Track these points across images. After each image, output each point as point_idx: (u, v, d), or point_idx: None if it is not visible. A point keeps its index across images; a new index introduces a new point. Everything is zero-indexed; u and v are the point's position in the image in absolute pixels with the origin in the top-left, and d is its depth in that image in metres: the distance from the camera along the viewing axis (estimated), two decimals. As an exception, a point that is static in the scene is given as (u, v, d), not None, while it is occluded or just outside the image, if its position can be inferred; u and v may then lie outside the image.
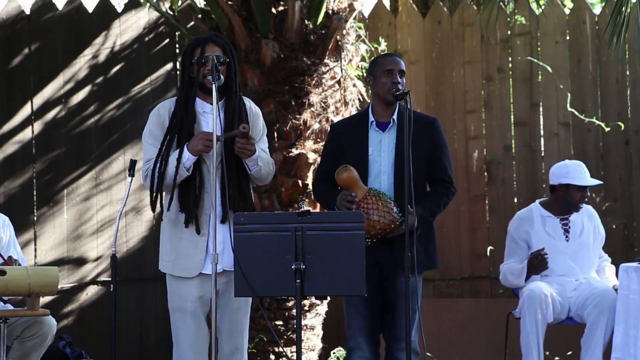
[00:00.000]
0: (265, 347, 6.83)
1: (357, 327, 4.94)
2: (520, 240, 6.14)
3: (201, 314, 4.67)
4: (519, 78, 7.75)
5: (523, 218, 6.19)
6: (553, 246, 6.06)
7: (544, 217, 6.15)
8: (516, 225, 6.18)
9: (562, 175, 6.09)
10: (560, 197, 6.11)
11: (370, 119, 5.01)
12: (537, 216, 6.16)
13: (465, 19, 7.78)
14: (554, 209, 6.15)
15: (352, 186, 4.83)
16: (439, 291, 7.60)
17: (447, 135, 7.72)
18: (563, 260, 6.10)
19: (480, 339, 7.36)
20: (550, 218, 6.15)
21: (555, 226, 6.13)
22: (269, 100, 6.78)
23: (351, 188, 4.83)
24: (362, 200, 4.80)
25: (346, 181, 4.83)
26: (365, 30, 7.61)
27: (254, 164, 4.68)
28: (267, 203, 6.79)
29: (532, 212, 6.19)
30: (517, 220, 6.21)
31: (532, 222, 6.14)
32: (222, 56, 4.62)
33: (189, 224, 4.64)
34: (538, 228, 6.13)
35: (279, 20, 6.86)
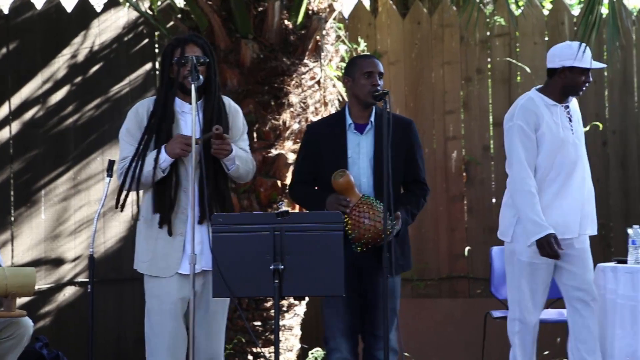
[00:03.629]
0: (243, 348, 6.83)
1: (337, 328, 4.94)
2: (531, 131, 5.38)
3: (180, 315, 4.66)
4: (498, 79, 7.77)
5: (530, 107, 5.41)
6: (562, 137, 5.41)
7: (549, 106, 5.44)
8: (525, 116, 5.38)
9: (566, 57, 5.42)
10: (562, 81, 5.43)
11: (348, 121, 5.01)
12: (541, 105, 5.43)
13: (445, 19, 7.80)
14: (555, 96, 5.46)
15: (347, 191, 4.82)
16: (417, 291, 7.62)
17: (426, 136, 7.78)
18: (571, 152, 5.43)
19: (458, 339, 7.38)
20: (555, 107, 5.45)
21: (562, 115, 5.46)
22: (249, 100, 6.77)
23: (346, 193, 4.83)
24: (355, 207, 4.80)
25: (343, 186, 4.82)
26: (345, 31, 7.62)
27: (232, 163, 4.68)
28: (246, 203, 6.79)
29: (534, 101, 5.44)
30: (524, 111, 5.40)
31: (539, 111, 5.41)
32: (201, 56, 4.62)
33: (163, 224, 4.63)
34: (547, 118, 5.41)
35: (259, 20, 6.86)
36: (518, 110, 5.42)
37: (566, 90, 5.45)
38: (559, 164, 5.40)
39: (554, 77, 5.45)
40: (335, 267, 4.30)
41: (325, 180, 4.92)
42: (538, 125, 5.38)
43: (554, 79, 5.45)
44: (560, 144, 5.39)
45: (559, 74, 5.43)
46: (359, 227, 4.77)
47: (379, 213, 4.76)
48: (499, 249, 6.74)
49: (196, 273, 4.55)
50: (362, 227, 4.77)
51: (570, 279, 5.46)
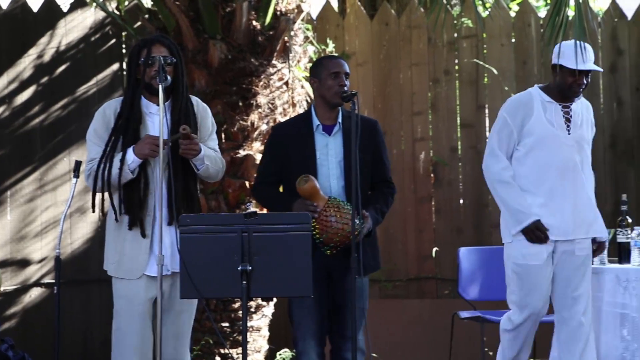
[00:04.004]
0: (211, 349, 6.81)
1: (307, 329, 4.94)
2: (514, 127, 5.31)
3: (148, 317, 4.64)
4: (465, 80, 7.81)
5: (521, 102, 5.36)
6: (554, 136, 5.31)
7: (544, 103, 5.35)
8: (512, 110, 5.35)
9: (562, 55, 5.29)
10: (556, 79, 5.35)
11: (315, 123, 5.01)
12: (537, 101, 5.35)
13: (413, 21, 7.82)
14: (553, 94, 5.36)
15: (313, 196, 4.82)
16: (385, 292, 7.63)
17: (394, 137, 7.80)
18: (565, 152, 5.33)
19: (426, 340, 7.41)
20: (551, 104, 5.35)
21: (557, 113, 5.35)
22: (217, 101, 6.76)
23: (312, 198, 4.82)
24: (323, 210, 4.79)
25: (309, 192, 4.81)
26: (313, 32, 7.63)
27: (201, 163, 4.68)
28: (214, 204, 6.77)
29: (531, 96, 5.37)
30: (514, 105, 5.38)
31: (532, 107, 5.34)
32: (169, 57, 4.61)
33: (133, 226, 4.61)
34: (538, 114, 5.32)
35: (227, 21, 6.84)
36: (509, 102, 5.41)
37: (559, 90, 5.34)
38: (550, 162, 5.28)
39: (553, 74, 5.37)
40: (304, 268, 4.30)
41: (292, 182, 4.92)
42: (526, 120, 5.30)
43: (554, 77, 5.37)
44: (550, 142, 5.28)
45: (556, 72, 5.33)
46: (327, 230, 4.77)
47: (346, 214, 4.76)
48: (467, 249, 6.77)
49: (165, 275, 4.54)
50: (330, 230, 4.77)
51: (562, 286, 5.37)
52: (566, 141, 5.31)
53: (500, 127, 5.34)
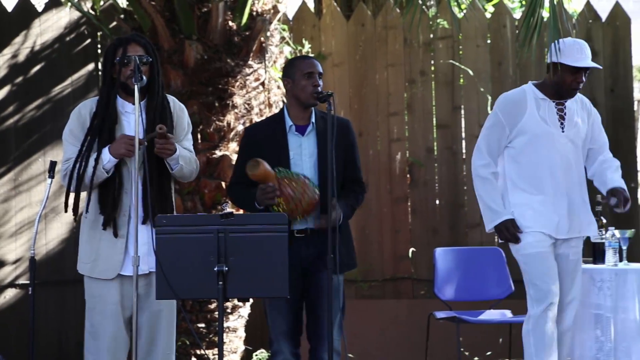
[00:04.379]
0: (187, 350, 6.79)
1: (281, 330, 4.94)
2: (507, 123, 5.27)
3: (121, 317, 4.63)
4: (441, 81, 7.83)
5: (515, 100, 5.31)
6: (547, 133, 5.26)
7: (537, 100, 5.30)
8: (505, 107, 5.31)
9: (562, 53, 5.26)
10: (553, 78, 5.29)
11: (288, 123, 5.00)
12: (530, 98, 5.30)
13: (389, 22, 7.83)
14: (547, 91, 5.32)
15: (267, 177, 4.81)
16: (361, 293, 7.64)
17: (370, 138, 7.81)
18: (559, 150, 5.28)
19: (402, 340, 7.42)
20: (545, 101, 5.30)
21: (551, 111, 5.30)
22: (193, 101, 6.74)
23: (267, 179, 4.81)
24: (279, 187, 4.78)
25: (262, 174, 4.79)
26: (290, 32, 7.62)
27: (176, 163, 4.67)
28: (190, 205, 6.76)
29: (524, 93, 5.32)
30: (507, 102, 5.33)
31: (525, 105, 5.29)
32: (144, 56, 4.60)
33: (107, 226, 4.60)
34: (531, 112, 5.27)
35: (203, 21, 6.83)
36: (503, 98, 5.36)
37: (556, 88, 5.28)
38: (544, 160, 5.23)
39: (548, 72, 5.31)
40: (280, 269, 4.30)
41: (266, 182, 4.92)
42: (520, 118, 5.25)
43: (548, 74, 5.32)
44: (543, 139, 5.22)
45: (554, 70, 5.26)
46: (290, 200, 4.76)
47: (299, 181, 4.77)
48: (443, 250, 6.79)
49: (140, 275, 4.52)
50: (293, 199, 4.76)
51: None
52: (560, 139, 5.26)
53: (492, 124, 5.32)
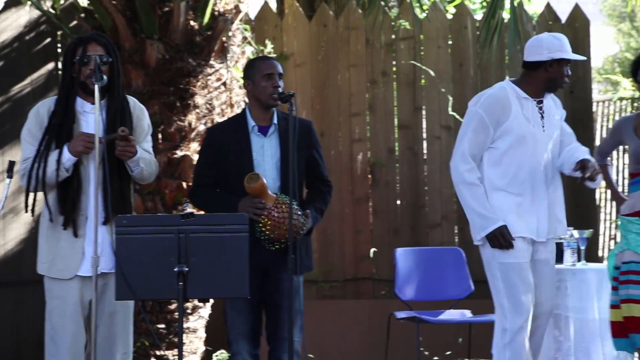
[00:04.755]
0: (146, 351, 6.77)
1: (240, 330, 4.93)
2: (491, 124, 5.03)
3: (80, 317, 4.61)
4: (403, 82, 7.86)
5: (498, 98, 5.06)
6: (532, 133, 5.07)
7: (520, 99, 5.08)
8: (490, 106, 5.05)
9: (555, 48, 5.04)
10: (548, 74, 5.06)
11: (250, 124, 5.00)
12: (512, 96, 5.07)
13: (351, 22, 7.85)
14: (533, 90, 5.11)
15: (262, 194, 4.81)
16: (322, 293, 7.65)
17: (332, 138, 7.82)
18: (540, 149, 5.10)
19: (363, 340, 7.44)
20: (528, 100, 5.09)
21: (533, 110, 5.10)
22: (154, 101, 6.72)
23: (261, 196, 4.81)
24: (274, 207, 4.79)
25: (259, 190, 4.80)
26: (252, 32, 7.61)
27: (136, 165, 4.65)
28: (151, 205, 6.73)
29: (506, 91, 5.08)
30: (490, 101, 5.07)
31: (509, 104, 5.05)
32: (105, 56, 4.57)
33: (67, 226, 4.57)
34: (516, 111, 5.05)
35: (164, 20, 6.81)
36: (486, 97, 5.07)
37: (549, 84, 5.10)
38: (526, 161, 5.03)
39: (538, 70, 5.06)
40: (240, 269, 4.29)
41: (230, 183, 4.91)
42: (504, 118, 5.03)
43: (538, 72, 5.06)
44: (528, 140, 5.04)
45: (547, 67, 5.05)
46: (280, 227, 4.77)
47: (296, 211, 4.78)
48: (403, 250, 6.82)
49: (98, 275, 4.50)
50: (283, 227, 4.77)
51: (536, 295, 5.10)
52: (542, 138, 5.09)
53: (476, 125, 5.03)
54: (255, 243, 4.81)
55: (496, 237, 4.98)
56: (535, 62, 5.06)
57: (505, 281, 5.01)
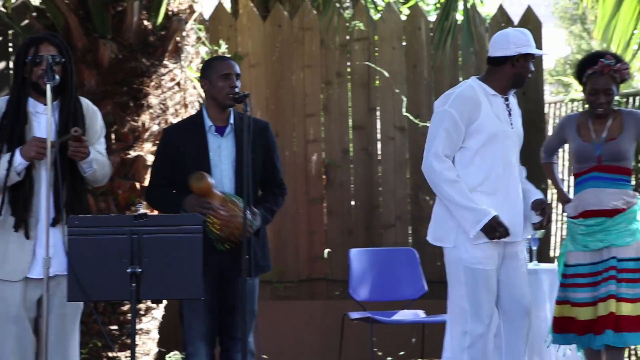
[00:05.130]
0: (99, 353, 6.72)
1: (198, 332, 4.92)
2: (463, 123, 4.89)
3: (25, 319, 4.57)
4: (357, 82, 7.88)
5: (468, 96, 4.93)
6: (502, 131, 4.95)
7: (489, 96, 4.96)
8: (460, 104, 4.91)
9: (522, 43, 4.94)
10: (514, 69, 4.95)
11: (207, 124, 4.99)
12: (481, 94, 4.95)
13: (305, 23, 7.86)
14: (500, 86, 4.99)
15: (209, 194, 4.80)
16: (277, 293, 7.65)
17: (287, 139, 7.82)
18: (510, 147, 4.98)
19: (317, 341, 7.45)
20: (496, 97, 4.97)
21: (502, 107, 4.99)
22: (107, 101, 6.68)
23: (206, 195, 4.80)
24: (220, 207, 4.78)
25: (204, 189, 4.79)
26: (206, 33, 7.59)
27: (89, 166, 4.62)
28: (104, 206, 6.69)
29: (474, 89, 4.95)
30: (461, 100, 4.93)
31: (479, 102, 4.93)
32: (57, 56, 4.54)
33: (18, 228, 4.53)
34: (486, 108, 4.94)
35: (118, 20, 6.77)
36: (455, 97, 4.92)
37: (516, 80, 4.98)
38: (497, 159, 4.92)
39: (505, 65, 4.94)
40: (194, 270, 4.28)
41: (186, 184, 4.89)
42: (475, 116, 4.90)
43: (504, 68, 4.95)
44: (499, 137, 4.92)
45: (514, 62, 4.94)
46: (228, 225, 4.76)
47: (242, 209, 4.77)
48: (357, 251, 6.83)
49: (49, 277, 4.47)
50: (232, 225, 4.76)
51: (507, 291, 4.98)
52: (511, 136, 4.98)
53: (449, 125, 4.87)
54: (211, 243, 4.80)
55: (492, 227, 4.82)
56: (501, 57, 4.95)
57: (469, 286, 4.89)
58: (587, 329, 5.47)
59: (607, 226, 5.46)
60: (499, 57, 4.96)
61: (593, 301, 5.46)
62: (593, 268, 5.51)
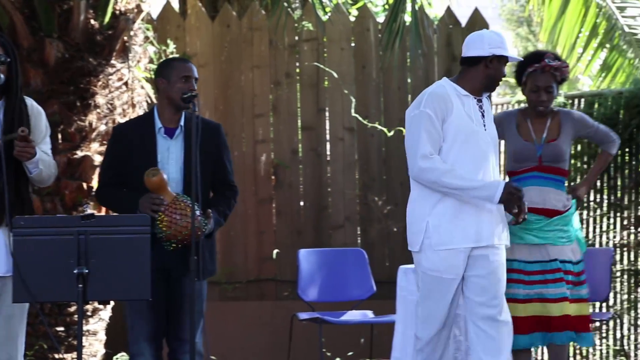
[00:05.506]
0: (44, 354, 6.66)
1: (141, 332, 4.89)
2: (438, 120, 4.78)
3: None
4: (306, 83, 7.89)
5: (440, 95, 4.81)
6: (474, 132, 4.83)
7: (460, 96, 4.85)
8: (433, 103, 4.79)
9: (496, 45, 4.86)
10: (487, 70, 4.86)
11: (157, 125, 4.96)
12: (452, 94, 4.84)
13: (254, 23, 7.85)
14: (472, 87, 4.89)
15: (161, 189, 4.77)
16: (225, 294, 7.63)
17: (236, 139, 7.81)
18: (482, 148, 4.87)
19: (266, 341, 7.45)
20: (468, 97, 4.86)
21: (474, 107, 4.88)
22: (53, 101, 6.62)
23: (159, 191, 4.77)
24: (170, 205, 4.76)
25: (157, 184, 4.76)
26: (154, 32, 7.56)
27: (35, 166, 4.57)
28: (50, 206, 6.63)
29: (445, 88, 4.85)
30: (433, 98, 4.82)
31: (451, 100, 4.81)
32: (2, 55, 4.50)
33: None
34: (458, 108, 4.82)
35: (64, 19, 6.71)
36: (427, 97, 4.81)
37: (488, 82, 4.88)
38: (470, 160, 4.80)
39: (478, 65, 4.85)
40: (142, 271, 4.25)
41: (135, 184, 4.86)
42: (447, 114, 4.78)
43: (477, 68, 4.86)
44: (470, 138, 4.81)
45: (488, 63, 4.84)
46: (174, 225, 4.74)
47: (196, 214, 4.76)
48: (306, 251, 6.84)
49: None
50: (176, 226, 4.74)
51: (478, 294, 4.85)
52: (484, 137, 4.87)
53: (427, 125, 4.76)
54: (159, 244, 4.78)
55: (511, 193, 4.74)
56: (475, 57, 4.87)
57: (422, 292, 4.85)
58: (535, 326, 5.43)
59: (543, 226, 5.46)
60: (473, 57, 4.88)
61: (538, 298, 5.44)
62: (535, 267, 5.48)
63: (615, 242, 7.35)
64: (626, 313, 7.24)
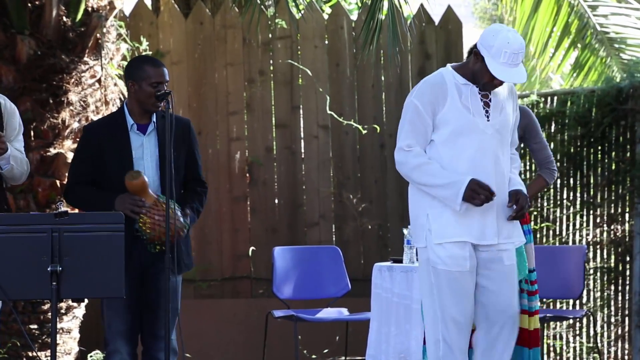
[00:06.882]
0: (18, 352, 6.63)
1: (117, 330, 4.87)
2: (426, 112, 4.56)
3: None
4: (280, 81, 7.88)
5: (433, 84, 4.58)
6: (471, 123, 4.54)
7: (458, 85, 4.58)
8: (423, 94, 4.58)
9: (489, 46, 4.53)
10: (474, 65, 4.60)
11: (129, 122, 4.93)
12: (450, 83, 4.58)
13: (228, 20, 7.83)
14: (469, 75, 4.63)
15: (142, 192, 4.75)
16: (200, 292, 7.61)
17: (210, 137, 7.79)
18: (482, 141, 4.55)
19: (241, 339, 7.43)
20: (467, 86, 4.58)
21: (474, 97, 4.58)
22: (26, 98, 6.59)
23: (141, 194, 4.75)
24: (152, 208, 4.74)
25: (139, 187, 4.74)
26: (127, 29, 7.52)
27: (6, 163, 4.55)
28: (23, 204, 6.60)
29: (443, 77, 4.61)
30: (424, 88, 4.61)
31: (445, 91, 4.57)
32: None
33: None
34: (453, 99, 4.55)
35: (36, 16, 6.68)
36: (420, 86, 4.62)
37: (474, 76, 4.59)
38: (467, 155, 4.52)
39: (471, 56, 4.61)
40: (116, 268, 4.23)
41: (109, 182, 4.85)
42: (440, 106, 4.54)
43: (472, 58, 4.59)
44: (466, 130, 4.53)
45: (475, 57, 4.56)
46: (157, 227, 4.72)
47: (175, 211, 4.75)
48: (281, 249, 6.83)
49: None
50: (161, 227, 4.72)
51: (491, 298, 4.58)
52: (486, 129, 4.55)
53: (412, 116, 4.56)
54: (134, 242, 4.76)
55: (473, 191, 4.43)
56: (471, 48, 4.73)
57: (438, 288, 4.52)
58: None
59: None
60: (471, 47, 4.73)
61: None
62: None
63: (589, 240, 7.39)
64: (599, 310, 7.28)
